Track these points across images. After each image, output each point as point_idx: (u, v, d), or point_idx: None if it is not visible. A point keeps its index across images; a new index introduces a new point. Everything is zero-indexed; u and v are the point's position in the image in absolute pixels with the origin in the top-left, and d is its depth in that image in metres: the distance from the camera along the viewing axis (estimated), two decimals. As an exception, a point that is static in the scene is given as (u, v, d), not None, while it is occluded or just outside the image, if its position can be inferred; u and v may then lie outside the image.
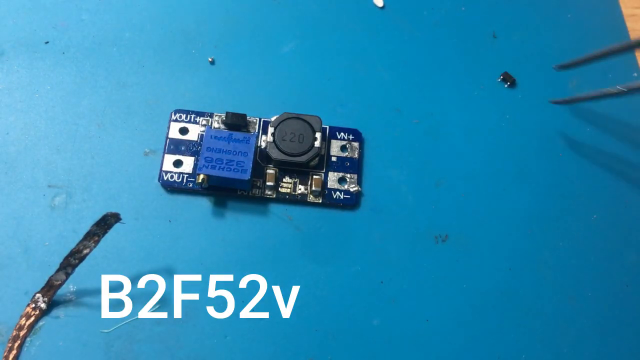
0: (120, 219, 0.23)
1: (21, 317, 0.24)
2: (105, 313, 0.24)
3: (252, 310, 0.25)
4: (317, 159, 0.27)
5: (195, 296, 0.25)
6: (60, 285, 0.24)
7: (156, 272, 0.25)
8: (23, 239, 0.25)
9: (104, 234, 0.23)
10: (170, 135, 0.27)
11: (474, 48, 0.31)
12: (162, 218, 0.26)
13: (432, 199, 0.28)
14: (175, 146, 0.27)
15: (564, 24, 0.33)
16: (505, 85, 0.31)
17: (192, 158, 0.27)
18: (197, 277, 0.25)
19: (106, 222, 0.23)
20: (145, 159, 0.27)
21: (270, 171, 0.27)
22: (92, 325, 0.24)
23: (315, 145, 0.27)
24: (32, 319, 0.24)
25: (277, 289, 0.26)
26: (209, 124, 0.28)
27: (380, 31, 0.31)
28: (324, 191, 0.27)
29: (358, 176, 0.28)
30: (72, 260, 0.23)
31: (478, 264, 0.27)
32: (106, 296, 0.25)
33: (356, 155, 0.28)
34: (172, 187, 0.27)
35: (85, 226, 0.23)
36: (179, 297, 0.25)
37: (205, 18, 0.30)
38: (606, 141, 0.30)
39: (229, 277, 0.26)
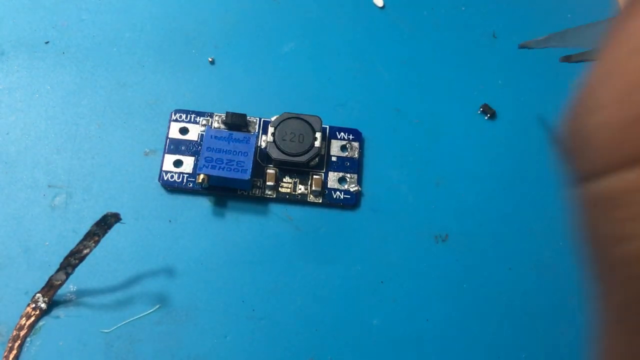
0: (120, 219, 0.23)
1: (21, 317, 0.24)
2: (105, 313, 0.24)
3: (252, 310, 0.25)
4: (317, 159, 0.27)
5: (195, 296, 0.25)
6: (60, 285, 0.24)
7: (156, 272, 0.25)
8: (23, 239, 0.25)
9: (104, 234, 0.23)
10: (170, 135, 0.27)
11: (474, 48, 0.31)
12: (162, 218, 0.26)
13: (432, 199, 0.28)
14: (175, 146, 0.27)
15: (564, 24, 0.32)
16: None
17: (192, 158, 0.27)
18: (197, 278, 0.25)
19: (106, 222, 0.23)
20: (145, 159, 0.27)
21: (270, 171, 0.27)
22: (92, 325, 0.24)
23: (315, 145, 0.27)
24: (33, 319, 0.24)
25: (277, 289, 0.26)
26: (209, 124, 0.28)
27: (380, 31, 0.31)
28: (324, 191, 0.27)
29: (358, 176, 0.28)
30: (72, 260, 0.23)
31: (478, 264, 0.27)
32: (106, 296, 0.25)
33: (356, 155, 0.28)
34: (172, 187, 0.27)
35: (85, 226, 0.23)
36: (179, 297, 0.25)
37: (205, 18, 0.30)
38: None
39: (229, 277, 0.26)
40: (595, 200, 0.10)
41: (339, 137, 0.28)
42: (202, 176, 0.26)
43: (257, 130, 0.28)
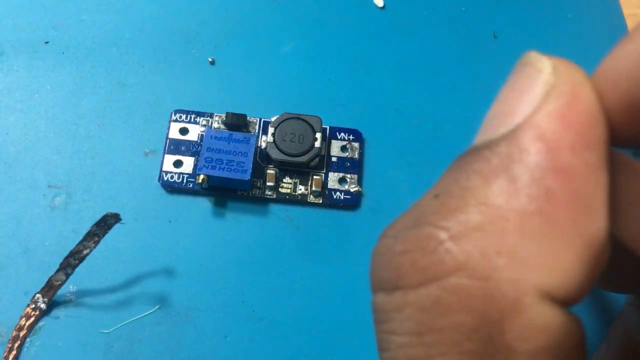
0: (120, 219, 0.23)
1: (21, 317, 0.24)
2: (105, 313, 0.24)
3: (252, 310, 0.25)
4: (317, 159, 0.27)
5: (195, 296, 0.25)
6: (60, 285, 0.24)
7: (156, 272, 0.25)
8: (23, 239, 0.25)
9: (104, 235, 0.23)
10: (170, 136, 0.27)
11: (474, 48, 0.31)
12: (162, 218, 0.26)
13: (432, 199, 0.28)
14: (175, 146, 0.27)
15: (564, 24, 0.33)
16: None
17: (192, 158, 0.27)
18: (197, 278, 0.25)
19: (106, 223, 0.23)
20: (145, 159, 0.27)
21: (270, 171, 0.27)
22: (92, 325, 0.24)
23: (315, 146, 0.27)
24: (32, 319, 0.24)
25: (277, 289, 0.26)
26: (209, 124, 0.28)
27: (380, 31, 0.31)
28: (324, 191, 0.27)
29: (358, 176, 0.28)
30: (72, 261, 0.23)
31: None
32: (106, 296, 0.25)
33: (356, 156, 0.28)
34: (172, 188, 0.27)
35: (85, 226, 0.23)
36: (179, 297, 0.25)
37: (205, 18, 0.30)
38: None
39: (229, 278, 0.26)
40: (373, 310, 0.12)
41: (339, 137, 0.28)
42: (202, 176, 0.26)
43: (257, 131, 0.28)
